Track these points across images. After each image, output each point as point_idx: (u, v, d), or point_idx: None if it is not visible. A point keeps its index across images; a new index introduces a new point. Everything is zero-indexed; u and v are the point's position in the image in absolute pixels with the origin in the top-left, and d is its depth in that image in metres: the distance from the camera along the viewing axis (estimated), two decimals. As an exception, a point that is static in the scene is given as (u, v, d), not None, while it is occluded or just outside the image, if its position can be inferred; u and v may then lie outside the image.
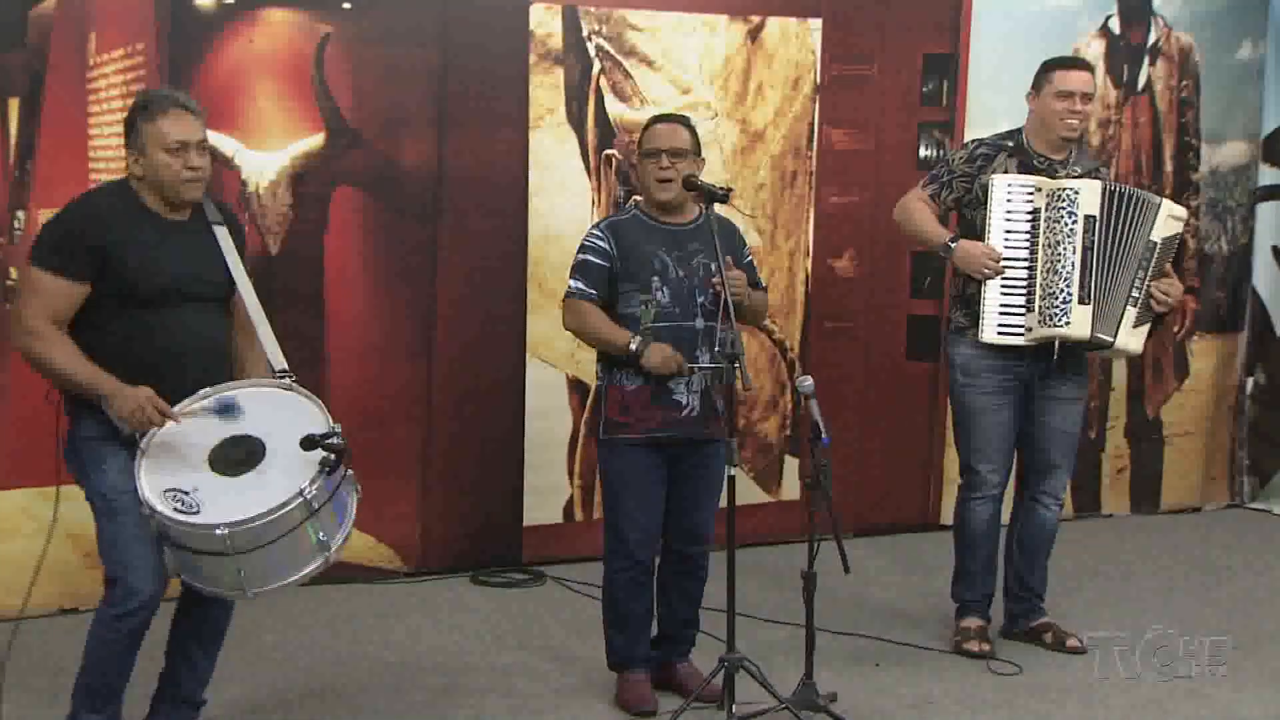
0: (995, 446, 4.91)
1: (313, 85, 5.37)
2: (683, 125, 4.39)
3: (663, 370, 4.20)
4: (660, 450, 4.34)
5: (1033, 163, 4.84)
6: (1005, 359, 4.82)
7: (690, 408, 4.30)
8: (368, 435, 5.55)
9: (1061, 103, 4.80)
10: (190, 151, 3.64)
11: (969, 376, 4.88)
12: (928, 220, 4.94)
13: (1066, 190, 4.69)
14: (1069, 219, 4.68)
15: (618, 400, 4.32)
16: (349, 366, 5.53)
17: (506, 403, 5.86)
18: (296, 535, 3.44)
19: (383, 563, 5.71)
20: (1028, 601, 5.07)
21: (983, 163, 4.88)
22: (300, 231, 5.41)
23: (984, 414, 4.88)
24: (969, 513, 4.99)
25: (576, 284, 4.32)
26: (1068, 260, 4.67)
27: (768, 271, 6.20)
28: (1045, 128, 4.85)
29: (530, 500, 5.93)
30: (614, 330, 4.27)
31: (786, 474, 6.42)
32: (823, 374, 5.60)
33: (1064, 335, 4.71)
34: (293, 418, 3.56)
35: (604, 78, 5.88)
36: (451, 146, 5.64)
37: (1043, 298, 4.70)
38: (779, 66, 6.21)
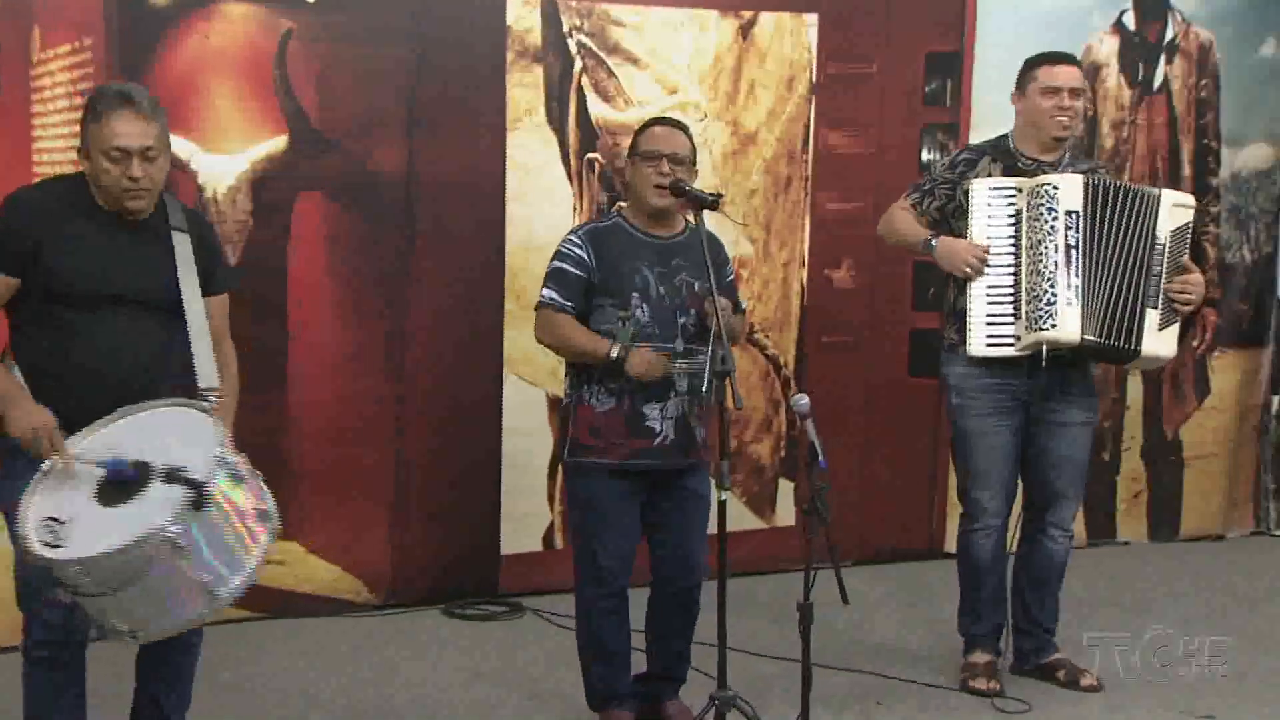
0: (995, 472, 4.90)
1: (275, 84, 5.37)
2: (683, 131, 4.40)
3: (649, 375, 4.19)
4: (633, 477, 4.34)
5: (1017, 165, 4.85)
6: (1000, 376, 4.81)
7: (664, 435, 4.30)
8: (335, 457, 5.56)
9: (1049, 100, 4.81)
10: (132, 160, 3.57)
11: (963, 397, 4.88)
12: (908, 223, 4.95)
13: (1045, 186, 4.69)
14: (1049, 215, 4.67)
15: (587, 421, 4.33)
16: (315, 384, 5.53)
17: (483, 422, 5.85)
18: (160, 577, 3.29)
19: (350, 594, 5.70)
20: (1037, 638, 5.06)
21: (964, 169, 4.89)
22: (262, 241, 5.39)
23: (981, 437, 4.87)
24: (971, 545, 4.98)
25: (550, 293, 4.31)
26: (1050, 259, 4.66)
27: (760, 283, 6.21)
28: (1034, 128, 4.86)
29: (508, 527, 5.93)
30: (592, 339, 4.27)
31: (781, 499, 6.42)
32: (820, 392, 5.58)
33: (1052, 339, 4.67)
34: (193, 443, 3.44)
35: (586, 76, 5.89)
36: (424, 150, 5.64)
37: (1029, 302, 4.69)
38: (773, 65, 6.22)
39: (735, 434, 6.19)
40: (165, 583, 3.31)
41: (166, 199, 3.77)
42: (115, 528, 3.29)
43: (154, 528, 3.25)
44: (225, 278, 3.92)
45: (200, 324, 3.71)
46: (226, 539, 3.39)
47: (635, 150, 4.37)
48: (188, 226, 3.77)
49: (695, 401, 4.28)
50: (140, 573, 3.27)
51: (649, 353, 4.20)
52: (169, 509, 3.27)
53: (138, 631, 3.39)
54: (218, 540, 3.36)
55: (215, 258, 3.87)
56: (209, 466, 3.35)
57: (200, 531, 3.31)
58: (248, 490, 3.45)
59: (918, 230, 4.93)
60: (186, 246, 3.75)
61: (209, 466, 3.35)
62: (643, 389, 4.25)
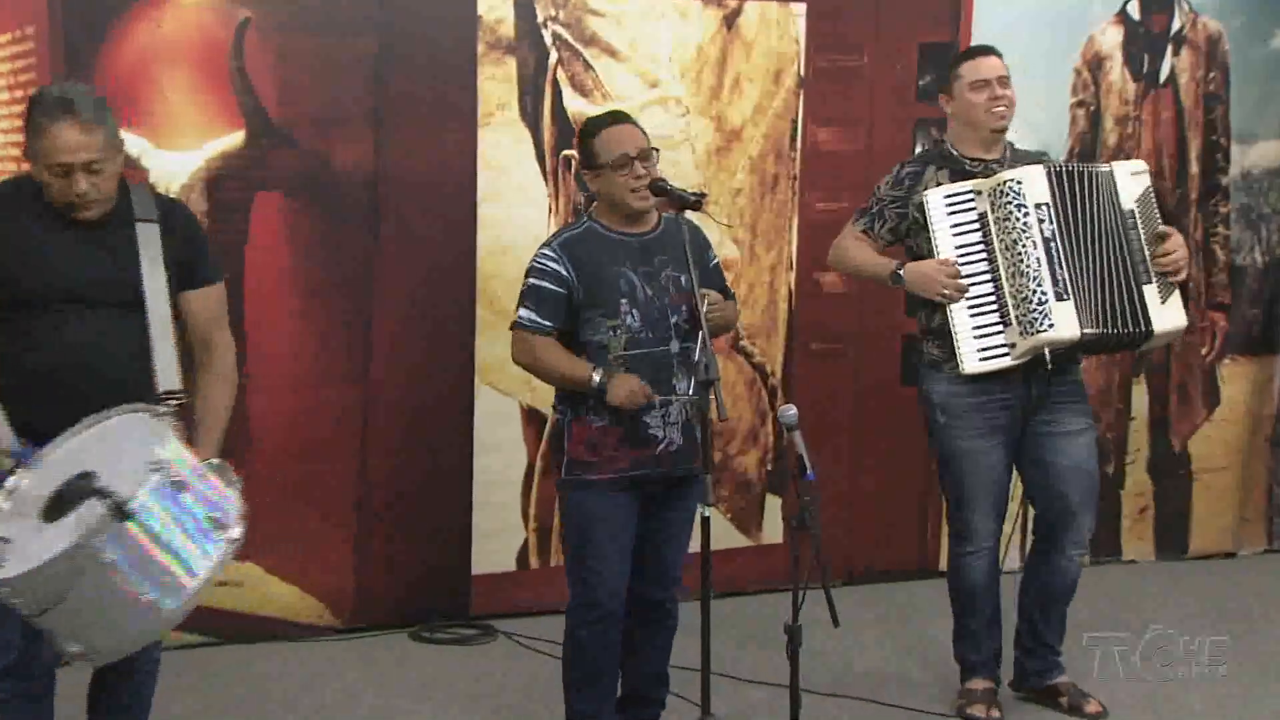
0: (988, 492, 4.89)
1: (231, 77, 5.36)
2: (633, 123, 4.40)
3: (630, 406, 4.20)
4: (634, 490, 4.34)
5: (965, 168, 4.86)
6: (990, 392, 4.80)
7: (668, 441, 4.31)
8: (295, 471, 5.55)
9: (980, 94, 4.82)
10: (75, 174, 3.55)
11: (951, 416, 4.86)
12: (865, 254, 4.93)
13: (1008, 183, 4.69)
14: (1019, 213, 4.67)
15: (584, 438, 4.32)
16: (273, 395, 5.52)
17: (453, 435, 5.86)
18: (94, 594, 3.26)
19: (311, 618, 5.69)
20: (1042, 657, 5.06)
21: (911, 182, 4.88)
22: (217, 242, 5.23)
23: (972, 457, 4.86)
24: (965, 569, 4.97)
25: (527, 313, 4.30)
26: (1031, 257, 4.66)
27: (746, 286, 6.22)
28: (971, 127, 4.87)
29: (480, 545, 5.92)
30: (573, 364, 4.27)
31: (768, 514, 6.43)
32: (808, 401, 5.60)
33: (1052, 340, 4.66)
34: (130, 451, 3.41)
35: (562, 69, 5.89)
36: (390, 146, 5.64)
37: (1016, 305, 4.68)
38: (758, 57, 6.23)
39: (719, 446, 6.20)
40: (100, 599, 3.27)
41: (133, 189, 3.76)
42: (43, 546, 3.26)
43: (70, 545, 3.21)
44: (212, 268, 3.90)
45: (162, 321, 3.69)
46: (158, 552, 3.32)
47: (594, 160, 4.33)
48: (159, 217, 3.74)
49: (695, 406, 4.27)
50: (67, 589, 3.24)
51: (632, 381, 4.20)
52: (83, 525, 3.24)
53: (91, 652, 3.36)
54: (147, 554, 3.30)
55: (197, 248, 3.85)
56: (136, 476, 3.30)
57: (124, 546, 3.26)
58: (196, 497, 3.40)
59: (878, 261, 4.92)
60: (154, 238, 3.71)
61: (136, 476, 3.30)
62: None
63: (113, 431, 3.53)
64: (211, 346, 3.83)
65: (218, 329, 3.87)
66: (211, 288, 3.87)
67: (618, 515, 4.33)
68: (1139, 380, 6.98)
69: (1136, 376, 6.98)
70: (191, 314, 3.82)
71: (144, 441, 3.44)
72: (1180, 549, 7.19)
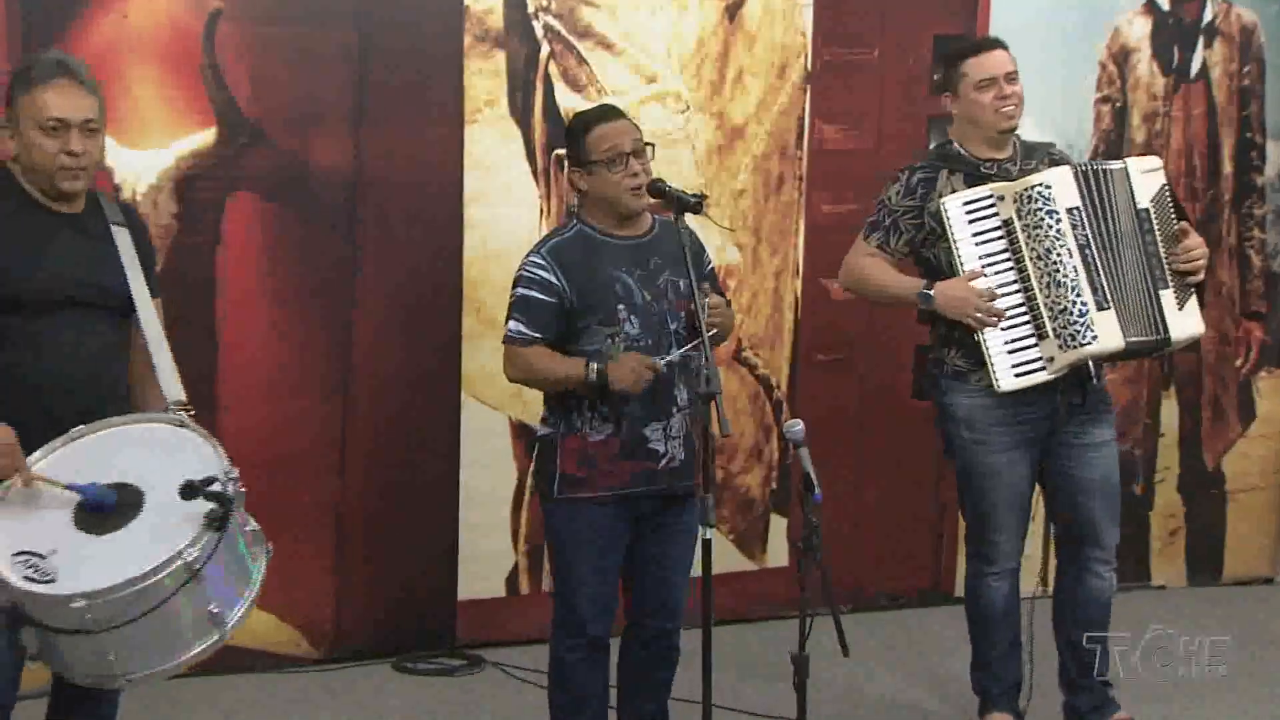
0: (1011, 511, 4.91)
1: (202, 71, 5.38)
2: (625, 118, 4.42)
3: (637, 385, 4.19)
4: (628, 508, 4.36)
5: (979, 170, 4.87)
6: (1017, 406, 4.80)
7: (669, 456, 4.35)
8: (269, 491, 5.51)
9: (986, 93, 4.83)
10: (71, 132, 3.62)
11: (976, 431, 4.86)
12: (887, 274, 4.92)
13: (1036, 188, 4.69)
14: (1051, 219, 4.68)
15: (578, 452, 4.34)
16: (247, 408, 5.53)
17: (438, 451, 5.86)
18: (175, 607, 3.36)
19: (289, 647, 5.70)
20: (1096, 693, 5.02)
21: (924, 189, 4.88)
22: (188, 246, 5.41)
23: (998, 475, 4.87)
24: (984, 592, 4.99)
25: (516, 326, 4.32)
26: (1067, 266, 4.67)
27: (749, 294, 6.25)
28: (978, 127, 4.88)
29: (466, 570, 5.92)
30: (566, 363, 4.28)
31: (772, 536, 6.44)
32: (815, 416, 5.59)
33: (1096, 353, 4.68)
34: (180, 461, 3.51)
35: (554, 63, 5.91)
36: (371, 145, 5.66)
37: (1054, 318, 4.69)
38: (762, 50, 6.25)
39: (721, 463, 6.21)
40: (172, 615, 3.35)
41: (98, 194, 3.80)
42: (120, 556, 3.33)
43: (174, 551, 3.30)
44: (155, 281, 3.94)
45: (157, 328, 3.76)
46: (237, 561, 3.47)
47: (585, 157, 4.35)
48: (125, 221, 3.80)
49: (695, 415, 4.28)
50: (150, 604, 3.31)
51: (630, 359, 4.21)
52: (188, 529, 3.34)
53: (130, 674, 3.41)
54: (233, 562, 3.44)
55: (150, 257, 3.90)
56: (224, 480, 3.42)
57: (219, 554, 3.38)
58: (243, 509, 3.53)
59: (901, 281, 4.91)
60: (129, 243, 3.78)
61: (224, 480, 3.42)
62: (642, 410, 4.28)
63: (122, 440, 3.60)
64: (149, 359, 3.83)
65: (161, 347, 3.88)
66: (158, 300, 3.90)
67: (607, 534, 4.36)
68: (1168, 394, 6.98)
69: (1166, 390, 6.98)
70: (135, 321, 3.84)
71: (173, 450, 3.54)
72: (1214, 574, 7.19)
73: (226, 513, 3.40)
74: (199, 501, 3.39)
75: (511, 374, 4.40)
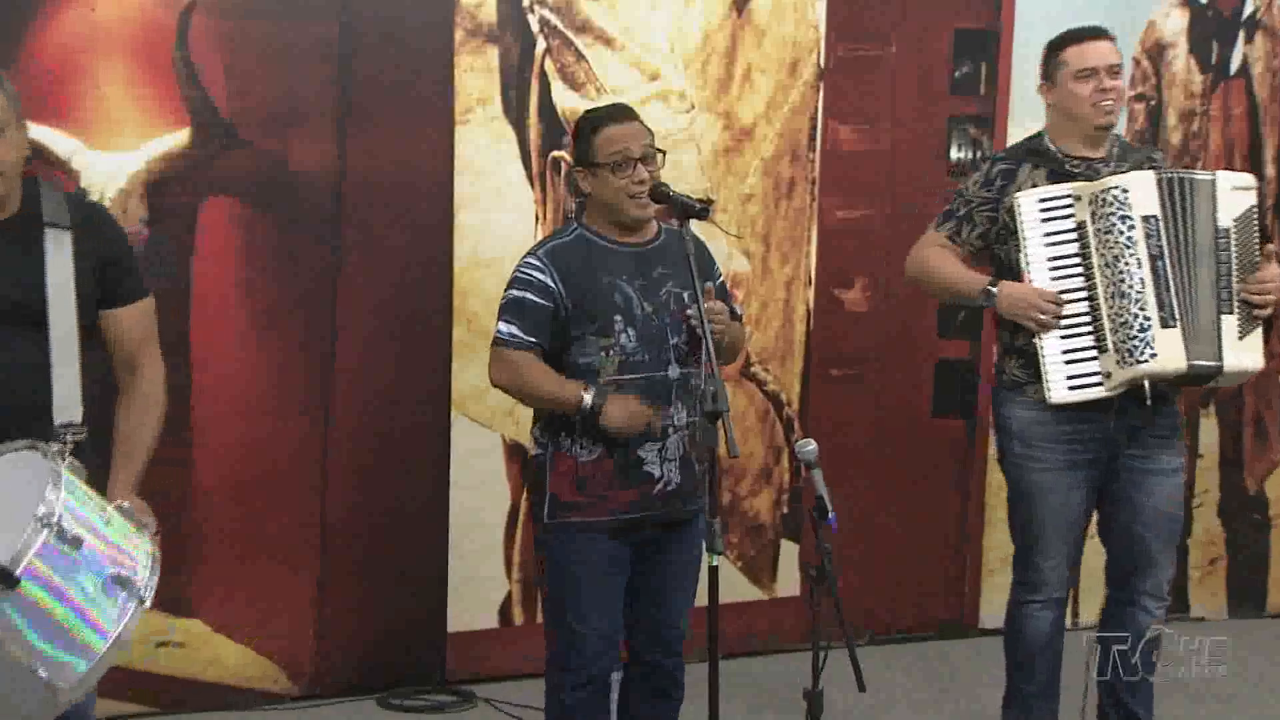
0: (1061, 536, 4.88)
1: (174, 67, 5.37)
2: (638, 120, 4.42)
3: (628, 430, 4.20)
4: (625, 535, 4.34)
5: (1065, 168, 4.86)
6: (1075, 421, 4.79)
7: (665, 480, 4.33)
8: (246, 515, 5.55)
9: (1085, 85, 4.83)
10: None
11: (1029, 446, 4.86)
12: (951, 267, 4.93)
13: (1112, 191, 4.68)
14: (1123, 225, 4.67)
15: (569, 474, 4.33)
16: (222, 427, 5.53)
17: (426, 473, 5.86)
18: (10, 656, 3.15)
19: (265, 683, 5.69)
20: None
21: (1004, 182, 4.88)
22: (159, 254, 5.39)
23: (1047, 495, 4.86)
24: (1027, 621, 4.97)
25: (508, 328, 4.32)
26: (1134, 277, 4.66)
27: (758, 305, 6.25)
28: (1073, 121, 4.87)
29: (456, 599, 5.92)
30: (559, 383, 4.28)
31: (783, 563, 6.44)
32: (828, 435, 5.60)
33: (1154, 373, 4.66)
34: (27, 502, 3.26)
35: (550, 59, 5.91)
36: (356, 146, 5.65)
37: (1115, 330, 4.68)
38: (772, 46, 6.26)
39: (728, 486, 6.22)
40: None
41: (43, 188, 3.73)
42: None
43: None
44: (138, 282, 3.88)
45: (66, 342, 3.64)
46: (60, 614, 3.23)
47: (591, 159, 4.35)
48: (72, 222, 3.71)
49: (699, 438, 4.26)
50: None
51: (631, 401, 4.21)
52: None
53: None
54: (47, 615, 3.21)
55: (123, 259, 3.82)
56: (23, 534, 3.18)
57: (21, 609, 3.16)
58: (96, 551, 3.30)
59: (967, 276, 4.91)
60: (64, 247, 3.66)
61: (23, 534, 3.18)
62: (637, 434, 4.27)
63: None
64: (137, 368, 3.80)
65: (146, 349, 3.84)
66: (141, 303, 3.85)
67: (606, 562, 4.35)
68: (1207, 413, 6.97)
69: (1205, 408, 6.96)
70: (119, 333, 3.80)
71: (33, 487, 3.31)
72: (1257, 605, 7.17)
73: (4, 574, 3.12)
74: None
75: (496, 377, 4.39)
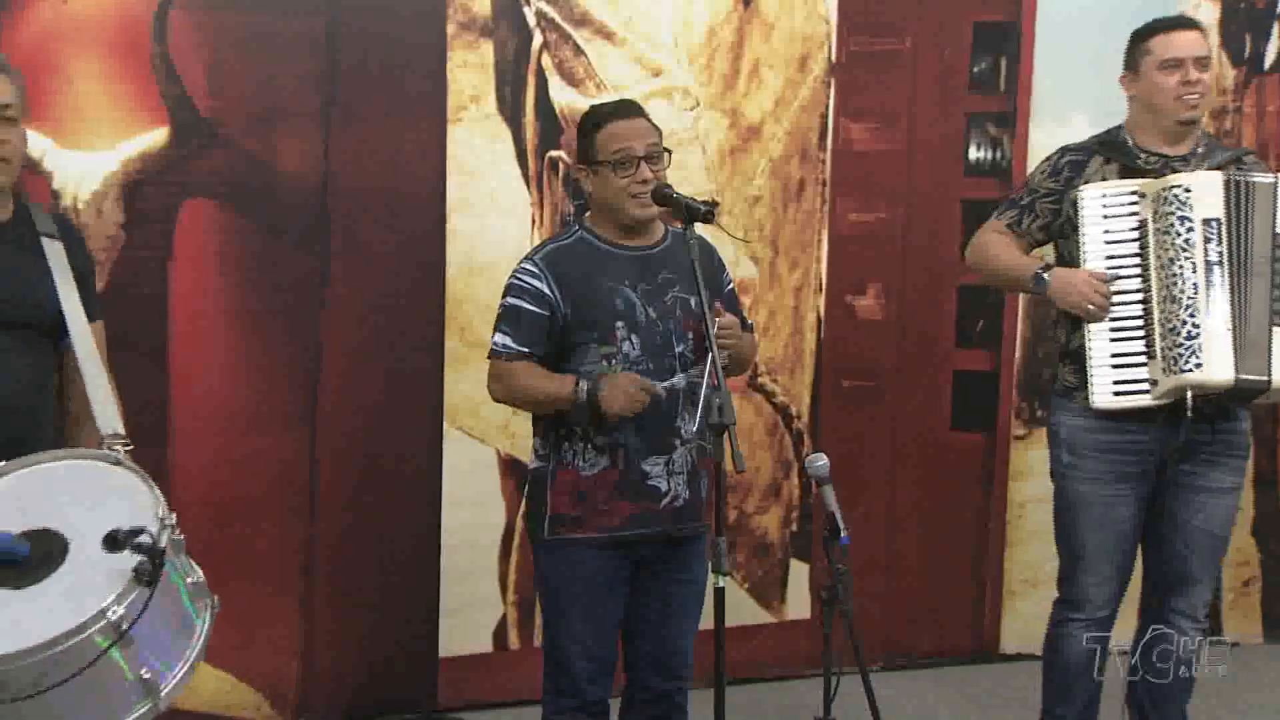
0: (1105, 551, 4.88)
1: (151, 63, 5.36)
2: (645, 117, 4.42)
3: (630, 410, 4.17)
4: (627, 552, 4.34)
5: (1138, 163, 4.83)
6: (1125, 431, 4.78)
7: (672, 494, 4.33)
8: (227, 536, 5.53)
9: (1170, 76, 4.79)
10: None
11: (1076, 455, 4.87)
12: (1007, 252, 4.94)
13: (1174, 189, 4.65)
14: (1181, 226, 4.64)
15: (570, 487, 4.34)
16: (202, 443, 5.51)
17: (417, 489, 5.85)
18: (101, 672, 3.23)
19: (248, 710, 5.67)
20: None
21: (1071, 173, 4.88)
22: (136, 260, 5.39)
23: (1092, 508, 4.86)
24: (1067, 642, 4.96)
25: (503, 339, 4.33)
26: (1187, 281, 4.63)
27: (766, 313, 6.25)
28: (1154, 114, 4.84)
29: (449, 622, 5.92)
30: (553, 380, 4.29)
31: (792, 585, 6.44)
32: (840, 450, 5.60)
33: (1198, 383, 4.63)
34: (110, 506, 3.41)
35: (547, 54, 5.91)
36: (342, 146, 5.65)
37: (1163, 336, 4.66)
38: (781, 40, 6.25)
39: (735, 503, 6.20)
40: (97, 680, 3.23)
41: (26, 202, 3.79)
42: (36, 614, 3.21)
43: (97, 609, 3.18)
44: (97, 303, 3.92)
45: (93, 351, 3.69)
46: (172, 620, 3.35)
47: (593, 156, 4.37)
48: (57, 232, 3.78)
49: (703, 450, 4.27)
50: (71, 669, 3.19)
51: (625, 378, 4.20)
52: (114, 584, 3.22)
53: None
54: (170, 620, 3.33)
55: (89, 275, 3.88)
56: (157, 528, 3.30)
57: (150, 612, 3.26)
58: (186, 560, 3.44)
59: (1020, 261, 4.92)
60: (61, 256, 3.75)
61: (157, 528, 3.30)
62: (641, 442, 4.26)
63: (46, 479, 3.51)
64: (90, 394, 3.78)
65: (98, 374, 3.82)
66: (99, 324, 3.88)
67: (605, 587, 4.35)
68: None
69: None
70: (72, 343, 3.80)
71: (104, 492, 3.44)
72: (1293, 628, 7.20)
73: (156, 567, 3.27)
74: (127, 554, 3.27)
75: (496, 392, 4.40)
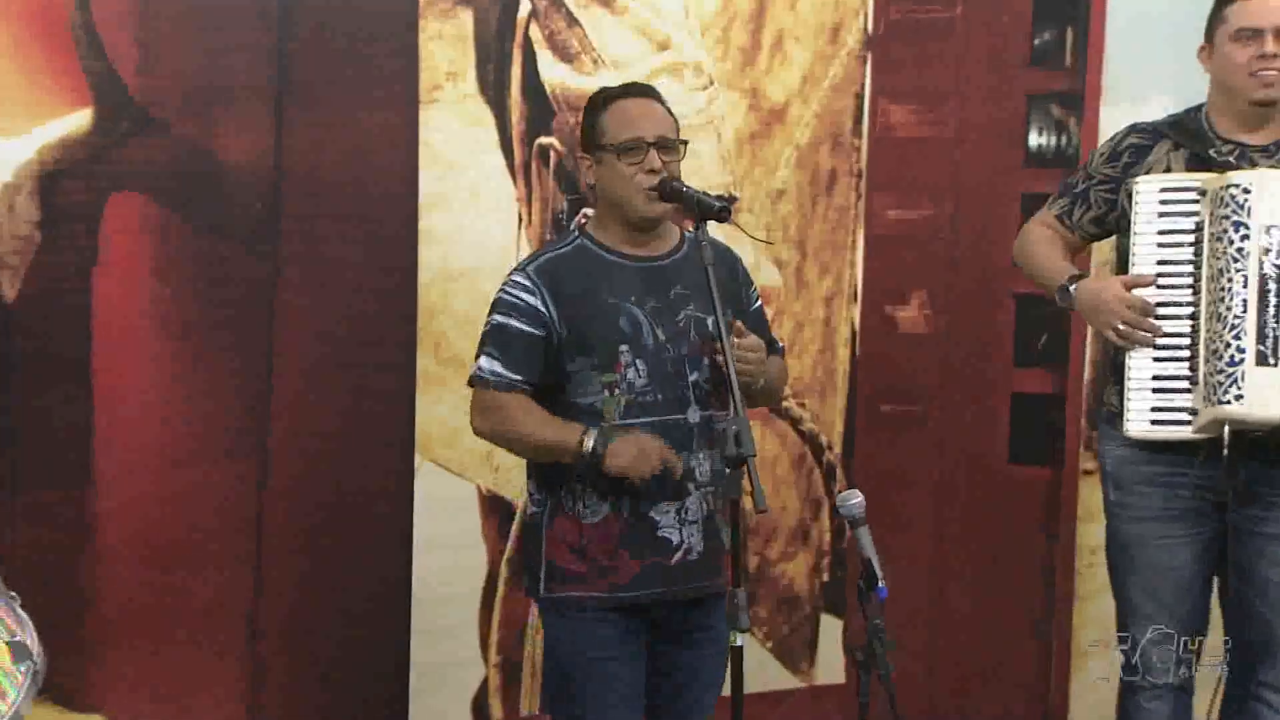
0: (1158, 603, 4.86)
1: (73, 34, 5.34)
2: (658, 100, 4.44)
3: (636, 472, 4.18)
4: (639, 614, 4.36)
5: (1208, 152, 4.77)
6: (1175, 463, 4.75)
7: (685, 547, 4.35)
8: (161, 586, 5.54)
9: (1244, 49, 4.72)
10: None
11: (1121, 491, 4.87)
12: (1046, 251, 4.95)
13: (1231, 189, 4.58)
14: (1234, 232, 4.57)
15: (569, 538, 4.36)
16: (132, 476, 5.47)
17: (384, 531, 5.84)
18: None
19: (189, 786, 5.65)
20: None
21: (1132, 159, 4.86)
22: (55, 264, 5.35)
23: (1142, 550, 4.86)
24: (1134, 714, 4.95)
25: (490, 364, 4.33)
26: (1236, 297, 4.57)
27: (792, 325, 6.26)
28: (1227, 94, 4.80)
29: (421, 689, 5.89)
30: (554, 429, 4.28)
31: (823, 643, 6.45)
32: (878, 486, 5.58)
33: (1239, 418, 4.58)
34: None
35: (536, 25, 5.90)
36: (296, 133, 5.63)
37: (1207, 360, 4.62)
38: (808, 8, 6.26)
39: (756, 549, 6.21)
40: None
41: None
42: None
43: None
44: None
45: None
46: None
47: (598, 141, 4.38)
48: None
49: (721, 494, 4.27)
50: None
51: (641, 440, 4.19)
52: None
53: None
54: None
55: None
56: None
57: None
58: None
59: (1054, 266, 4.91)
60: None
61: None
62: (649, 486, 4.25)
63: None
64: None
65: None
66: None
67: (619, 649, 4.37)
68: None
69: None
70: None
71: None
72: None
73: None
74: None
75: (479, 426, 4.40)
